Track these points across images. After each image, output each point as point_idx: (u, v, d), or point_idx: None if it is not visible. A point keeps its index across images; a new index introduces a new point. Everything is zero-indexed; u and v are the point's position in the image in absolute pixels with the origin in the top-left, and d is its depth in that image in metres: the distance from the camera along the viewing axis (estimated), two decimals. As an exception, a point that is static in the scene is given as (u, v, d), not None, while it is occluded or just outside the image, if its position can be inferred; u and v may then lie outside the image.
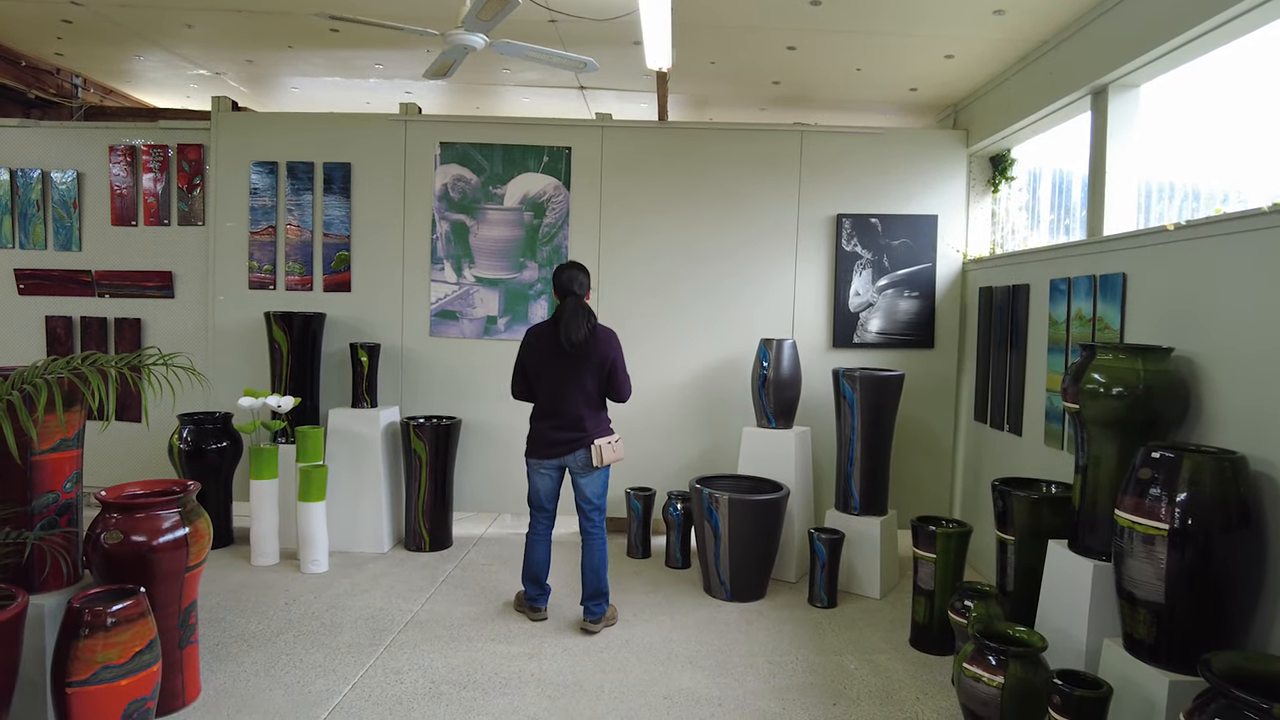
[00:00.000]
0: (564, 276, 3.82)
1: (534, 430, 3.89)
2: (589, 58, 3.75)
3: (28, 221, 5.49)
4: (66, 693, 2.53)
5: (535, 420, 3.90)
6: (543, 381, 3.83)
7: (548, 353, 3.81)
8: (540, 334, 3.86)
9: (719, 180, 5.24)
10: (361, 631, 3.76)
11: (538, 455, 3.87)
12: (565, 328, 3.71)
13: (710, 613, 4.12)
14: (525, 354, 3.88)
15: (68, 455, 2.96)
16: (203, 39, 5.13)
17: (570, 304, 3.75)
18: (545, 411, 3.86)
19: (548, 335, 3.81)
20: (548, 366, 3.81)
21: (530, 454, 3.90)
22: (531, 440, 3.90)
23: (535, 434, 3.88)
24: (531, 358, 3.85)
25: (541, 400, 3.86)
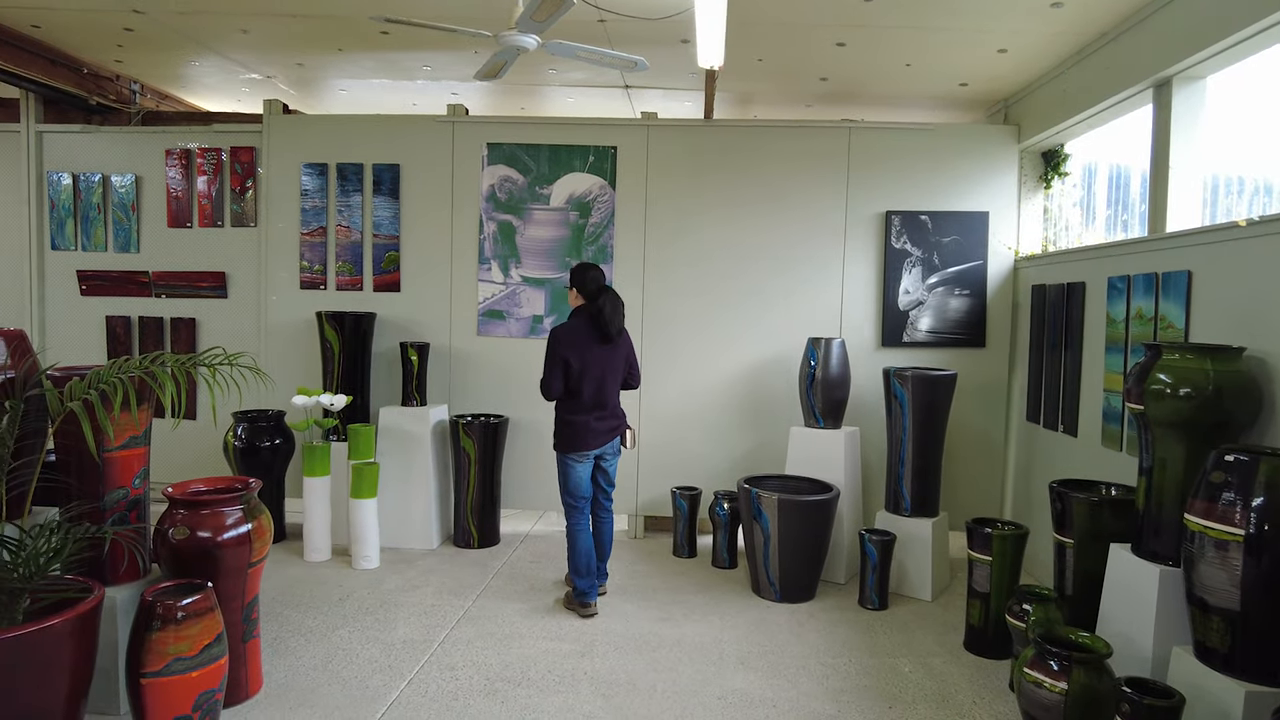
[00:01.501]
0: (590, 274, 4.03)
1: (578, 424, 3.97)
2: (639, 57, 3.75)
3: (89, 224, 5.65)
4: (141, 683, 2.60)
5: (577, 414, 3.97)
6: (586, 376, 3.95)
7: (592, 347, 3.95)
8: (577, 330, 3.97)
9: (765, 178, 5.21)
10: (415, 627, 3.81)
11: (584, 447, 3.99)
12: (610, 319, 3.93)
13: (760, 613, 4.10)
14: (566, 352, 3.92)
15: (137, 452, 3.05)
16: (255, 43, 5.22)
17: (609, 297, 3.96)
18: (589, 404, 3.97)
19: (587, 330, 3.96)
20: (592, 361, 3.95)
21: (574, 448, 3.98)
22: (576, 434, 3.98)
23: (580, 427, 3.97)
24: (575, 354, 3.92)
25: (586, 394, 3.96)
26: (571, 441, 3.99)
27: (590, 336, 3.95)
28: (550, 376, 3.94)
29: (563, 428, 4.01)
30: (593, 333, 3.95)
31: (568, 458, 4.02)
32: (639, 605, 4.16)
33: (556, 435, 4.04)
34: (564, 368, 3.93)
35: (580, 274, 4.04)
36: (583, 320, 3.99)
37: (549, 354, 3.94)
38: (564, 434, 4.00)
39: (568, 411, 3.99)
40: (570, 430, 3.98)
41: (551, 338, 3.96)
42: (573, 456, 4.00)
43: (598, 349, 3.96)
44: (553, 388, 3.95)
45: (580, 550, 4.01)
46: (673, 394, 5.26)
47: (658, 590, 4.38)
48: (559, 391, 3.96)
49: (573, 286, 4.06)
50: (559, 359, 3.93)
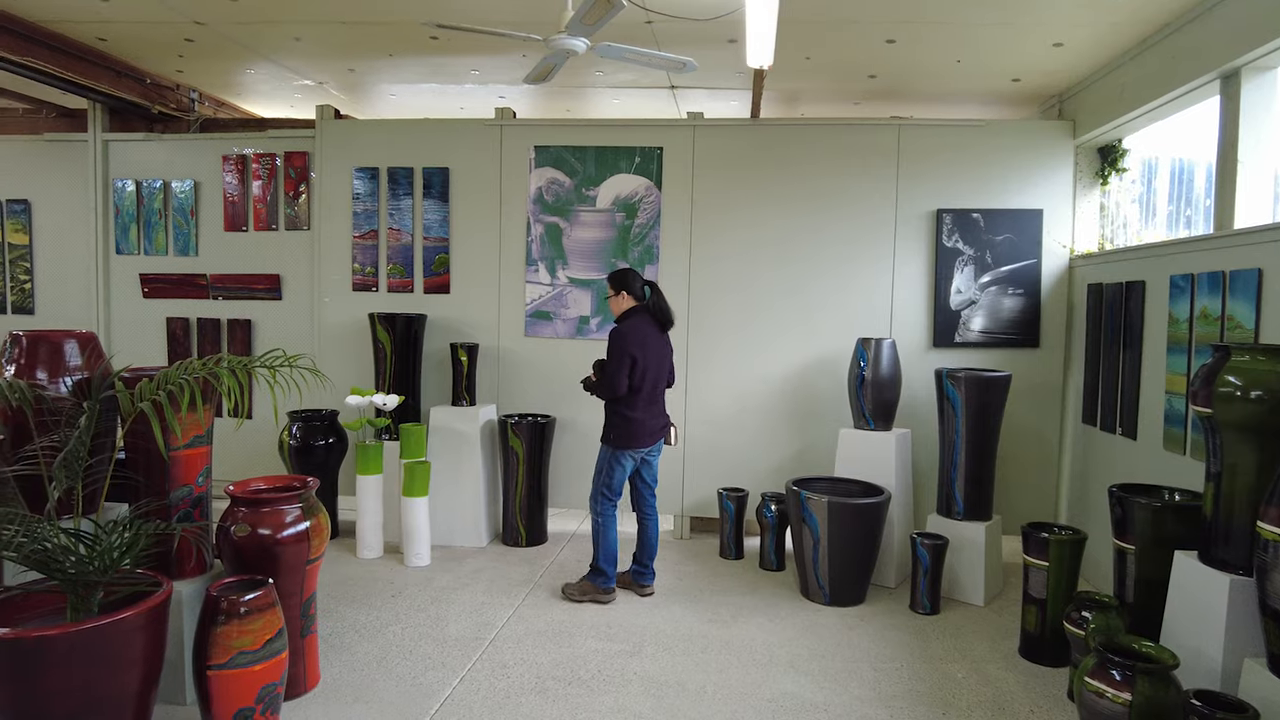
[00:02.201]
0: (630, 273, 4.19)
1: (636, 421, 4.07)
2: (688, 58, 3.74)
3: (151, 229, 5.83)
4: (207, 674, 2.67)
5: (636, 411, 4.07)
6: (648, 373, 4.06)
7: (653, 344, 4.10)
8: (641, 327, 4.09)
9: (813, 177, 5.16)
10: (466, 625, 3.85)
11: (639, 444, 4.10)
12: (667, 311, 4.18)
13: (809, 616, 4.07)
14: (635, 348, 4.01)
15: (200, 451, 3.13)
16: (308, 51, 5.33)
17: (657, 290, 4.18)
18: (647, 401, 4.10)
19: (649, 326, 4.11)
20: (654, 358, 4.10)
21: (629, 444, 4.08)
22: (634, 431, 4.07)
23: (638, 424, 4.08)
24: (640, 351, 4.03)
25: (645, 391, 4.08)
26: (628, 438, 4.07)
27: (652, 332, 4.10)
28: (619, 372, 3.99)
29: (621, 424, 4.07)
30: (654, 327, 4.12)
31: (622, 454, 4.10)
32: (687, 606, 4.16)
33: (612, 431, 4.10)
34: (631, 364, 3.99)
35: (625, 277, 4.18)
36: (643, 318, 4.12)
37: (617, 351, 4.01)
38: (621, 430, 4.07)
39: (628, 408, 4.06)
40: (629, 427, 4.06)
41: (618, 335, 4.04)
42: (627, 453, 4.10)
43: (656, 346, 4.11)
44: (621, 384, 4.00)
45: (613, 541, 4.16)
46: (719, 394, 5.25)
47: (705, 591, 4.37)
48: (625, 388, 4.01)
49: (619, 291, 4.16)
50: (627, 355, 4.00)
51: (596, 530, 4.18)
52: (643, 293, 4.18)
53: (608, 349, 4.07)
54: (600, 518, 4.16)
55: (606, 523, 4.16)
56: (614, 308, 4.22)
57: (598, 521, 4.17)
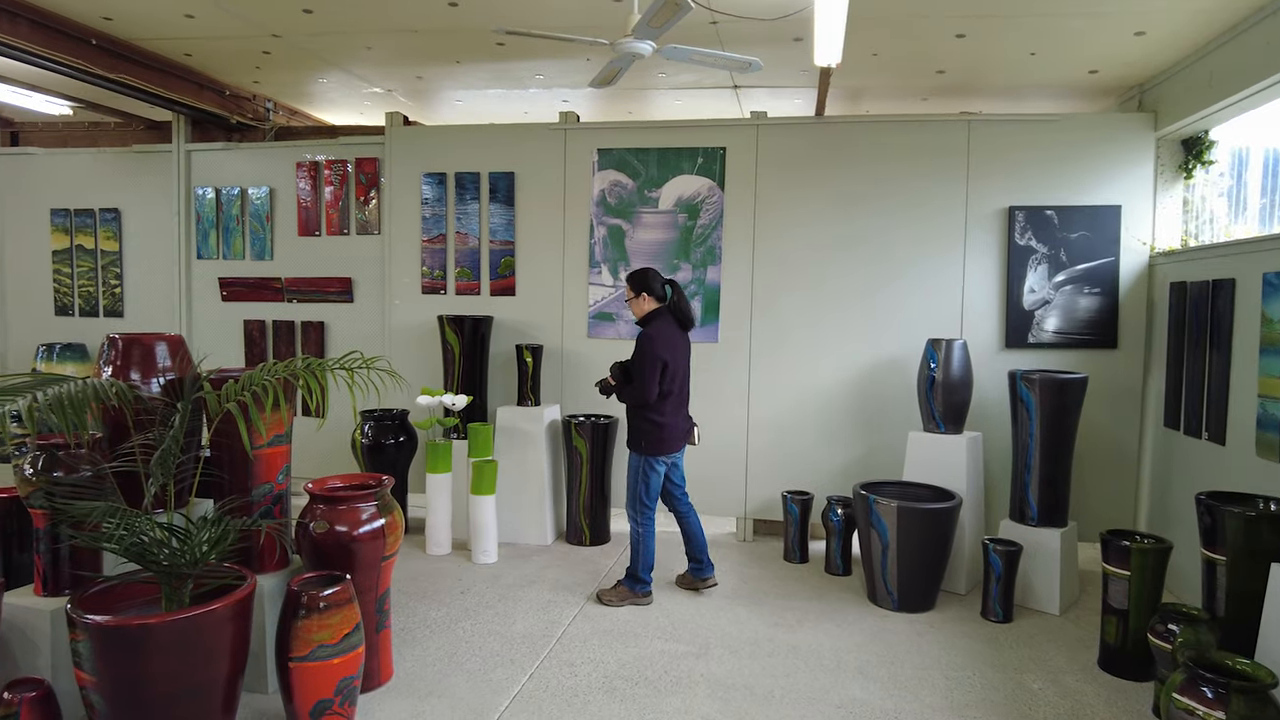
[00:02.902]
0: (650, 273, 4.13)
1: (668, 426, 4.05)
2: (754, 58, 3.72)
3: (230, 235, 6.06)
4: (289, 666, 2.77)
5: (668, 415, 4.04)
6: (677, 376, 4.05)
7: (679, 345, 4.09)
8: (667, 330, 4.05)
9: (880, 175, 5.08)
10: (533, 622, 3.91)
11: (672, 449, 4.11)
12: (689, 311, 4.13)
13: (877, 622, 4.01)
14: (664, 352, 3.98)
15: (281, 449, 3.24)
16: (379, 59, 5.47)
17: (677, 288, 4.13)
18: (677, 405, 4.10)
19: (674, 328, 4.08)
20: (681, 360, 4.10)
21: (663, 450, 4.06)
22: (666, 436, 4.05)
23: (670, 429, 4.06)
24: (670, 354, 4.00)
25: (676, 394, 4.07)
26: (661, 444, 4.04)
27: (677, 334, 4.08)
28: (651, 378, 3.95)
29: (653, 430, 4.01)
30: (677, 328, 4.09)
31: (656, 461, 4.06)
32: (752, 609, 4.14)
33: (644, 439, 4.03)
34: (662, 369, 3.96)
35: (645, 278, 4.11)
36: (668, 319, 4.07)
37: (647, 356, 3.95)
38: (654, 437, 4.02)
39: (659, 414, 4.01)
40: (661, 433, 4.02)
41: (648, 339, 3.98)
42: (661, 460, 4.07)
43: (683, 348, 4.11)
44: (653, 389, 3.96)
45: (652, 549, 4.16)
46: (783, 396, 5.21)
47: (770, 595, 4.34)
48: (657, 393, 3.97)
49: (640, 293, 4.10)
50: (658, 360, 3.95)
51: (636, 539, 4.13)
52: (664, 292, 4.11)
53: (636, 353, 4.01)
54: (641, 526, 4.12)
55: (647, 531, 4.12)
56: (635, 310, 4.15)
57: (638, 531, 4.12)
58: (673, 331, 4.06)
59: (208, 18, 4.67)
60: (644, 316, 4.11)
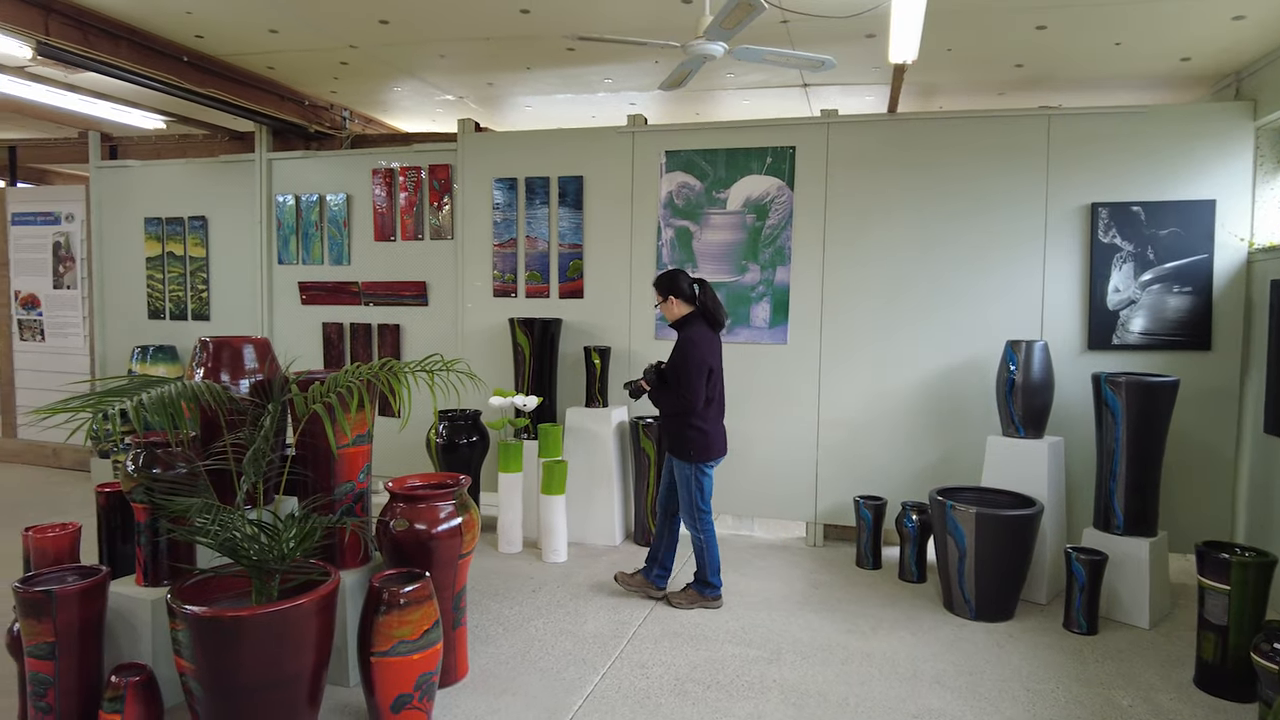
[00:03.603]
0: (679, 275, 4.03)
1: (713, 432, 3.99)
2: (827, 56, 3.67)
3: (309, 240, 6.27)
4: (370, 661, 2.85)
5: (711, 423, 3.98)
6: (715, 380, 3.99)
7: (717, 349, 4.02)
8: (705, 333, 3.98)
9: (954, 172, 4.95)
10: (604, 623, 3.93)
11: (720, 453, 4.05)
12: (720, 306, 4.03)
13: (954, 631, 3.91)
14: (707, 356, 3.93)
15: (363, 449, 3.34)
16: (451, 67, 5.59)
17: (706, 288, 4.02)
18: (718, 410, 4.04)
19: (708, 332, 4.00)
20: (719, 364, 4.02)
21: (711, 456, 4.00)
22: (713, 442, 3.99)
23: (715, 435, 4.01)
24: (712, 358, 3.96)
25: (716, 399, 4.01)
26: (709, 450, 3.96)
27: (713, 336, 4.02)
28: (699, 384, 3.87)
29: (699, 437, 3.92)
30: (710, 331, 4.00)
31: (707, 467, 3.99)
32: (824, 615, 4.08)
33: (692, 447, 3.92)
34: (707, 375, 3.90)
35: (671, 280, 4.01)
36: (702, 323, 3.98)
37: (691, 362, 3.86)
38: (701, 444, 3.93)
39: (704, 420, 3.93)
40: (707, 439, 3.95)
41: (689, 344, 3.89)
42: (710, 465, 4.01)
43: (718, 350, 4.03)
44: (700, 396, 3.88)
45: (717, 552, 4.12)
46: (854, 399, 5.12)
47: (842, 601, 4.28)
48: (703, 401, 3.90)
49: (667, 296, 4.01)
50: (704, 365, 3.88)
51: (700, 546, 4.07)
52: (693, 293, 3.98)
53: (677, 359, 3.91)
54: (701, 533, 4.03)
55: (708, 536, 4.05)
56: (667, 314, 4.06)
57: (699, 538, 4.05)
58: (708, 334, 3.97)
59: (290, 32, 4.84)
60: (677, 320, 4.02)
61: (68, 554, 3.26)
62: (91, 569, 2.95)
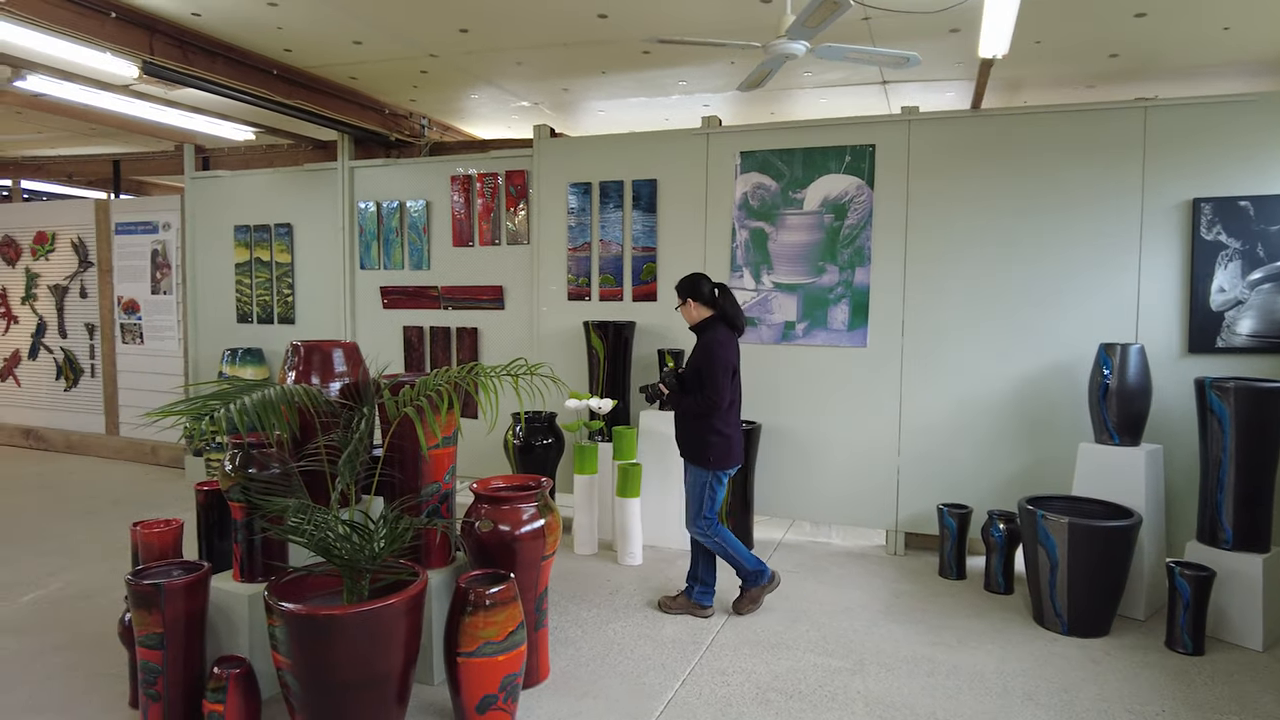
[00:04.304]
0: (699, 279, 3.98)
1: (734, 437, 3.92)
2: (912, 53, 3.58)
3: (390, 246, 6.43)
4: (457, 661, 2.89)
5: (730, 426, 3.90)
6: (735, 383, 3.92)
7: (736, 352, 3.95)
8: (726, 336, 3.92)
9: (1042, 168, 4.77)
10: (682, 628, 3.91)
11: (737, 460, 3.97)
12: (739, 309, 3.96)
13: (1045, 645, 3.76)
14: (732, 357, 3.88)
15: (448, 451, 3.40)
16: (528, 74, 5.67)
17: (725, 292, 3.96)
18: (737, 414, 3.97)
19: (729, 335, 3.93)
20: (737, 366, 3.94)
21: (730, 463, 3.92)
22: (732, 448, 3.92)
23: (734, 441, 3.94)
24: (734, 358, 3.90)
25: (738, 404, 3.95)
26: (727, 456, 3.89)
27: (732, 339, 3.95)
28: (722, 386, 3.81)
29: (721, 443, 3.86)
30: (730, 334, 3.94)
31: (722, 474, 3.91)
32: (907, 626, 3.97)
33: (711, 452, 3.85)
34: (730, 375, 3.85)
35: (691, 284, 3.98)
36: (722, 326, 3.93)
37: (716, 361, 3.82)
38: (720, 449, 3.86)
39: (724, 425, 3.86)
40: (726, 445, 3.88)
41: (713, 344, 3.85)
42: (727, 473, 3.93)
43: (737, 354, 3.95)
44: (725, 396, 3.83)
45: (739, 545, 4.01)
46: (937, 403, 4.98)
47: (926, 612, 4.16)
48: (725, 404, 3.84)
49: (688, 300, 3.97)
50: (728, 365, 3.85)
51: (723, 551, 3.97)
52: (712, 296, 3.93)
53: (701, 360, 3.86)
54: (716, 537, 3.94)
55: (724, 537, 3.96)
56: (686, 317, 4.01)
57: (716, 542, 3.95)
58: (729, 337, 3.93)
59: (374, 43, 4.98)
60: (698, 323, 3.98)
61: (171, 549, 3.41)
62: (194, 564, 3.07)
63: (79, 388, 7.91)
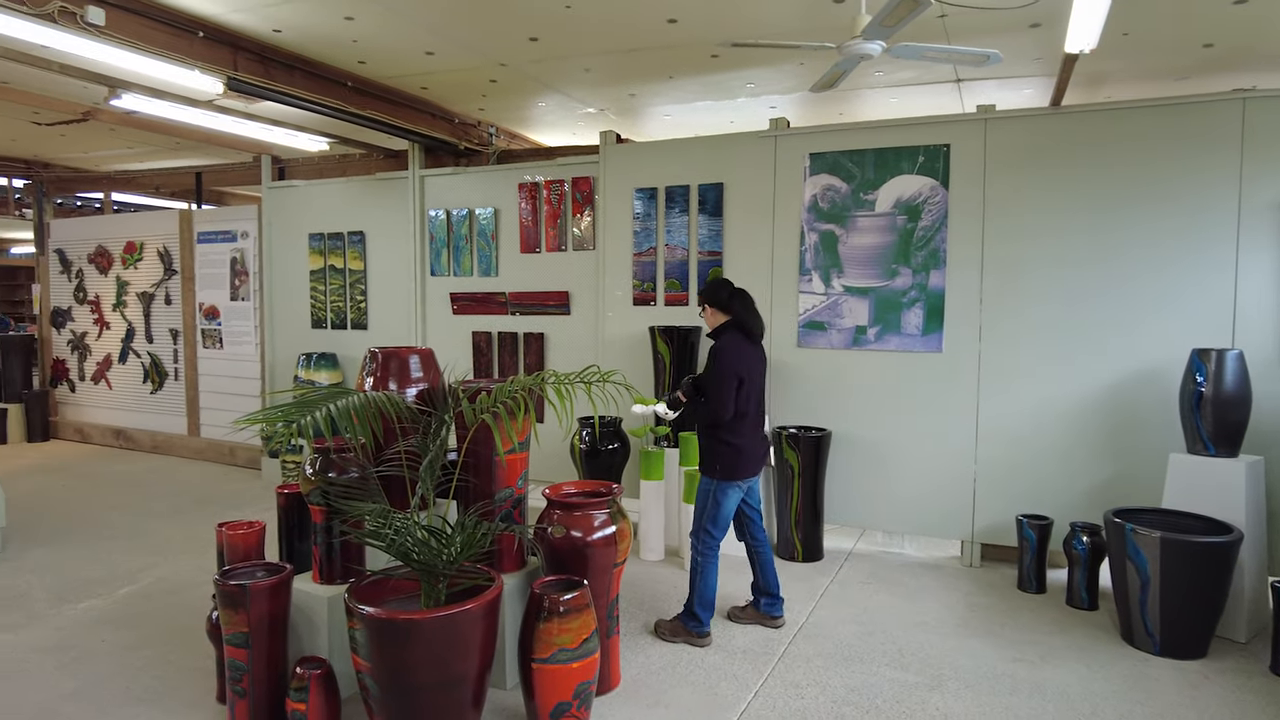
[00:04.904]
0: (720, 284, 3.91)
1: (744, 448, 3.78)
2: (993, 50, 3.47)
3: (459, 253, 6.53)
4: (531, 667, 2.90)
5: (741, 437, 3.77)
6: (752, 394, 3.79)
7: (753, 360, 3.80)
8: (739, 342, 3.80)
9: (1127, 166, 4.57)
10: (753, 638, 3.86)
11: (747, 474, 3.82)
12: (756, 317, 3.84)
13: (1136, 666, 3.59)
14: (738, 366, 3.72)
15: (521, 456, 3.42)
16: (595, 80, 5.69)
17: (740, 297, 3.84)
18: (752, 425, 3.81)
19: (745, 341, 3.80)
20: (756, 376, 3.80)
21: (737, 475, 3.78)
22: (742, 459, 3.78)
23: (746, 452, 3.79)
24: (744, 369, 3.75)
25: (750, 415, 3.79)
26: (735, 468, 3.76)
27: (749, 348, 3.81)
28: (726, 395, 3.68)
29: (726, 453, 3.74)
30: (747, 341, 3.81)
31: (730, 486, 3.78)
32: (986, 641, 3.85)
33: (718, 462, 3.76)
34: (737, 385, 3.71)
35: (712, 290, 3.91)
36: (736, 333, 3.81)
37: (719, 369, 3.70)
38: (727, 460, 3.74)
39: (732, 435, 3.74)
40: (735, 455, 3.75)
41: (720, 352, 3.75)
42: (734, 485, 3.79)
43: (754, 361, 3.82)
44: (729, 407, 3.70)
45: (711, 585, 3.80)
46: (1016, 410, 4.81)
47: (1005, 627, 4.02)
48: (733, 411, 3.72)
49: (705, 305, 3.91)
50: (733, 374, 3.69)
51: (695, 570, 3.79)
52: (726, 301, 3.84)
53: (709, 367, 3.77)
54: (700, 556, 3.78)
55: (706, 562, 3.78)
56: (707, 323, 3.94)
57: (697, 560, 3.78)
58: (742, 344, 3.79)
59: (445, 54, 5.07)
60: (714, 330, 3.89)
61: (255, 550, 3.51)
62: (277, 566, 3.16)
63: (164, 391, 8.26)
